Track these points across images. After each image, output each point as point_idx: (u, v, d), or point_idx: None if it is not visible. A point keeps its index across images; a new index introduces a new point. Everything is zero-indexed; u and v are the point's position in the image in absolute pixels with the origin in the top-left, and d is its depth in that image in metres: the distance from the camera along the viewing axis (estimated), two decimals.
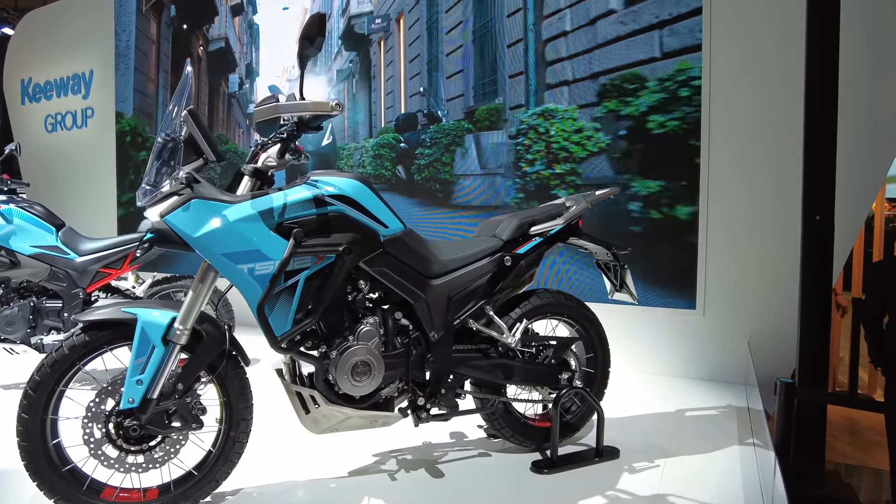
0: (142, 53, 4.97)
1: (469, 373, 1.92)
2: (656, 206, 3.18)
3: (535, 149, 3.50)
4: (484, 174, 3.67)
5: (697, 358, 3.10)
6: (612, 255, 2.19)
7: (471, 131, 3.71)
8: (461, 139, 3.74)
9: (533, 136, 3.50)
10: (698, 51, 3.03)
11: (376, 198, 1.73)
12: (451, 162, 3.78)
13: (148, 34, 4.94)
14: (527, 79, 3.54)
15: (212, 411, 1.67)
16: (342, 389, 1.68)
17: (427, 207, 3.87)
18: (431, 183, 3.85)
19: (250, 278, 1.52)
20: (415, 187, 3.90)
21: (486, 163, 3.66)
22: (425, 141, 3.88)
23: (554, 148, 3.44)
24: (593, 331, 2.19)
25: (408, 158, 3.95)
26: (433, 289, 1.82)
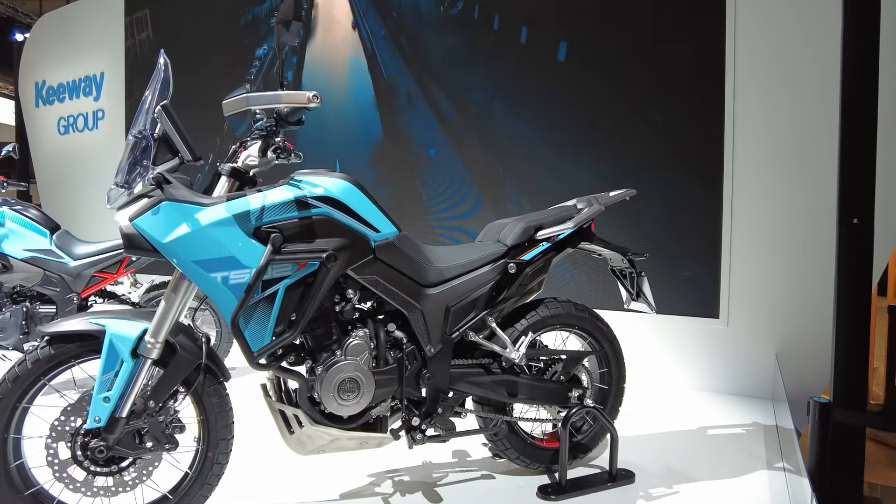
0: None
1: (469, 390, 1.77)
2: (676, 207, 2.99)
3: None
4: None
5: (721, 371, 2.90)
6: (628, 261, 2.02)
7: None
8: None
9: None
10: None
11: (367, 200, 1.59)
12: None
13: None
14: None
15: (191, 430, 1.55)
16: (328, 408, 1.55)
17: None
18: None
19: (224, 288, 1.39)
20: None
21: None
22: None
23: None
24: (607, 344, 2.02)
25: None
26: (429, 299, 1.68)
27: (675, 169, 2.99)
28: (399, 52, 3.89)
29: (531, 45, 3.38)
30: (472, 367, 1.77)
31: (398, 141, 3.88)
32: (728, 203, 2.85)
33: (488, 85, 3.53)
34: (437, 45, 3.73)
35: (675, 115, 2.99)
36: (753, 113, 2.79)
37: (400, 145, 3.87)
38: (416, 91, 3.81)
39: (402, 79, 3.86)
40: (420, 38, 3.80)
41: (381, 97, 3.96)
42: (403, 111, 3.87)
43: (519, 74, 3.42)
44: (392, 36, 3.93)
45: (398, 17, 3.90)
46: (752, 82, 2.78)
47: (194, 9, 4.75)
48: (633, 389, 2.91)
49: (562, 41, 3.27)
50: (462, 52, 3.64)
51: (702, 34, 2.90)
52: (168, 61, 1.51)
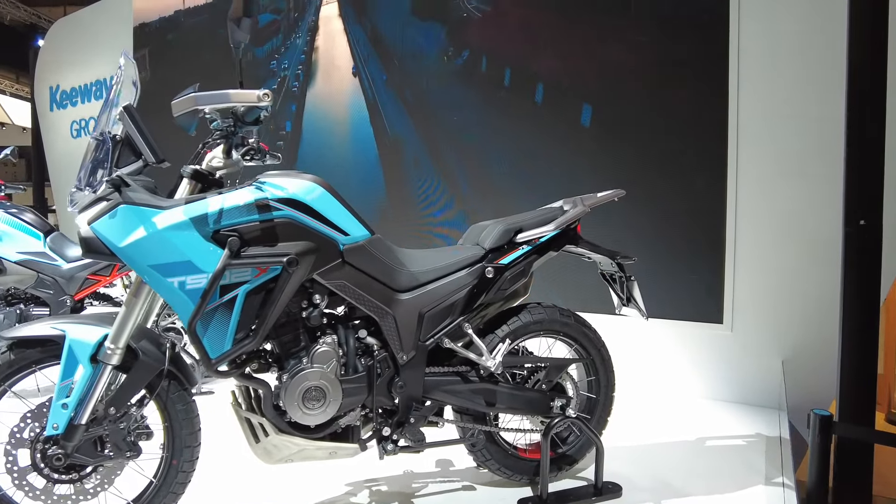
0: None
1: (445, 399, 1.71)
2: (678, 207, 2.88)
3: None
4: None
5: (725, 378, 2.79)
6: (617, 265, 1.94)
7: None
8: None
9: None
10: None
11: (337, 202, 1.54)
12: None
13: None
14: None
15: (159, 436, 1.53)
16: (293, 418, 1.50)
17: None
18: None
19: (181, 293, 1.35)
20: None
21: None
22: None
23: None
24: (594, 351, 1.94)
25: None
26: (401, 304, 1.62)
27: (677, 168, 2.88)
28: (403, 106, 3.73)
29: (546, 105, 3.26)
30: (448, 375, 1.71)
31: (405, 207, 3.74)
32: (732, 203, 2.74)
33: (499, 145, 3.40)
34: (443, 98, 3.56)
35: (676, 112, 2.88)
36: (758, 109, 2.67)
37: (408, 211, 3.73)
38: (423, 154, 3.64)
39: (408, 137, 3.70)
40: (424, 92, 3.66)
41: (384, 154, 3.80)
42: (410, 173, 3.69)
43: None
44: (394, 85, 3.78)
45: (400, 65, 3.76)
46: (756, 80, 2.67)
47: (194, 46, 4.74)
48: (632, 397, 2.82)
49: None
50: (471, 108, 3.47)
51: (704, 30, 2.79)
52: (133, 62, 1.48)
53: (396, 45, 3.78)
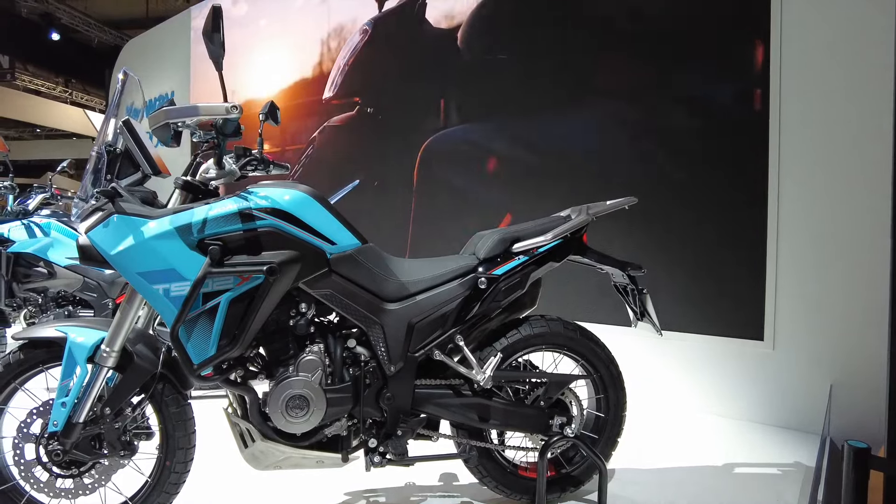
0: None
1: (437, 412, 1.67)
2: (714, 214, 2.70)
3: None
4: None
5: (762, 399, 2.57)
6: (628, 277, 1.83)
7: None
8: None
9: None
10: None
11: (325, 211, 1.55)
12: None
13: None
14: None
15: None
16: (276, 425, 1.51)
17: None
18: None
19: (165, 300, 1.40)
20: None
21: None
22: None
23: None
24: (602, 367, 1.84)
25: None
26: (390, 314, 1.60)
27: (713, 171, 2.71)
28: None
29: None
30: (440, 388, 1.67)
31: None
32: (773, 208, 2.54)
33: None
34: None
35: (712, 111, 2.71)
36: (801, 107, 2.47)
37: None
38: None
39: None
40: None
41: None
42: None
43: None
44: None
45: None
46: (800, 78, 2.46)
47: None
48: (659, 416, 2.66)
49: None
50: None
51: (745, 23, 2.61)
52: (135, 77, 1.56)
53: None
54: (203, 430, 1.72)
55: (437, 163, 3.78)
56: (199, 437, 1.63)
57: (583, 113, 3.16)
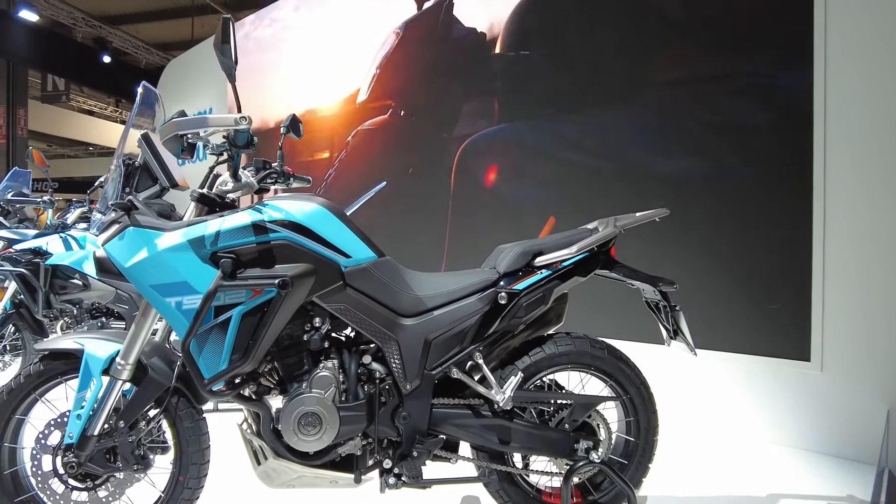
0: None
1: (455, 433, 1.60)
2: (754, 221, 2.55)
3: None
4: None
5: (810, 425, 2.39)
6: (660, 293, 1.73)
7: None
8: None
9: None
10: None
11: (340, 224, 1.51)
12: None
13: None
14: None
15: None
16: (289, 443, 1.47)
17: None
18: None
19: (178, 313, 1.39)
20: None
21: None
22: None
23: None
24: (632, 388, 1.73)
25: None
26: (406, 329, 1.55)
27: (752, 174, 2.56)
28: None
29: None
30: (459, 407, 1.60)
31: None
32: (819, 213, 2.37)
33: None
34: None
35: (753, 121, 2.57)
36: (849, 103, 2.31)
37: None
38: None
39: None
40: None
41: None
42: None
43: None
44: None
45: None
46: (846, 68, 2.31)
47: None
48: (696, 441, 2.51)
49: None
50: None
51: (788, 17, 2.48)
52: (155, 91, 1.57)
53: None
54: (219, 445, 1.70)
55: (476, 165, 3.73)
56: (215, 452, 1.61)
57: (617, 112, 3.06)
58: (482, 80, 3.70)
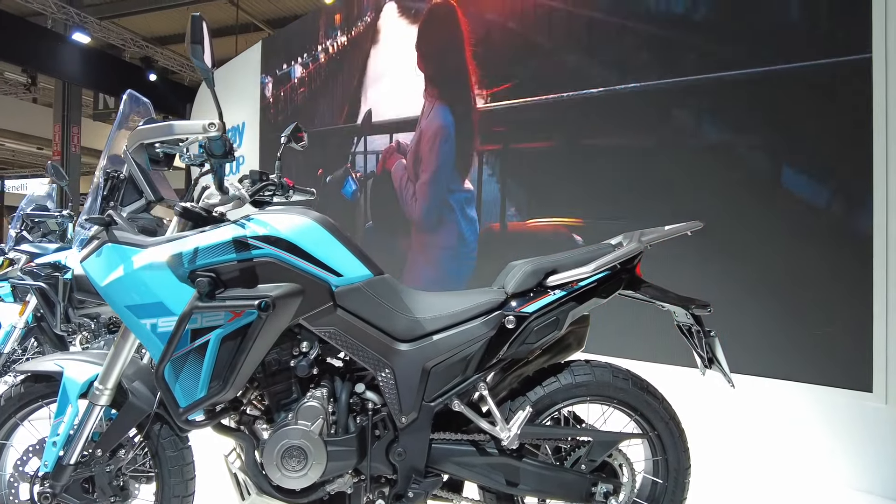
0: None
1: (456, 472, 1.44)
2: (806, 235, 2.31)
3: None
4: None
5: (872, 464, 2.11)
6: (692, 316, 1.53)
7: None
8: None
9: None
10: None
11: (334, 240, 1.39)
12: None
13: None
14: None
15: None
16: (272, 478, 1.35)
17: None
18: None
19: (153, 336, 1.29)
20: None
21: None
22: None
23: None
24: (660, 424, 1.54)
25: None
26: (402, 356, 1.41)
27: (804, 182, 2.32)
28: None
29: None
30: (461, 443, 1.44)
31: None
32: (881, 227, 2.10)
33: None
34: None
35: (804, 107, 2.33)
36: None
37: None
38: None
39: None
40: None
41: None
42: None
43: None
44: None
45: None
46: None
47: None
48: (738, 478, 2.26)
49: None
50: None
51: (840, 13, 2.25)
52: (144, 100, 1.50)
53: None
54: (211, 476, 1.59)
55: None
56: (207, 484, 1.50)
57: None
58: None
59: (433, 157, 4.00)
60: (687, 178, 2.71)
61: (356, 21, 4.71)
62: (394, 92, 4.39)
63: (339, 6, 4.93)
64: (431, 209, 4.00)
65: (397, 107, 4.36)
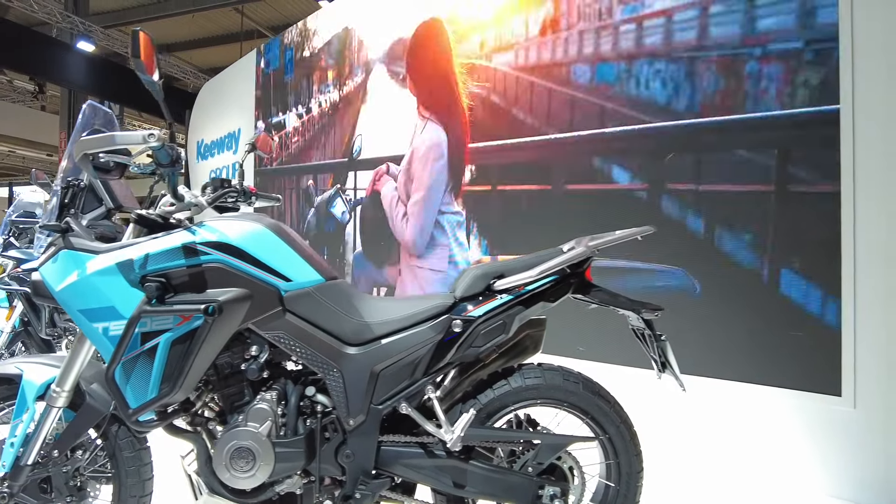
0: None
1: (405, 474, 1.47)
2: (774, 232, 2.31)
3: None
4: None
5: (840, 470, 2.11)
6: (644, 321, 1.55)
7: None
8: None
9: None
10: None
11: (284, 246, 1.43)
12: None
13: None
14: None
15: None
16: (222, 479, 1.38)
17: None
18: None
19: (105, 339, 1.32)
20: None
21: None
22: None
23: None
24: (611, 427, 1.55)
25: None
26: (350, 359, 1.44)
27: (770, 177, 2.33)
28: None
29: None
30: (409, 445, 1.47)
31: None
32: (849, 228, 2.11)
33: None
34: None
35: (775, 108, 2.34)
36: (884, 95, 2.06)
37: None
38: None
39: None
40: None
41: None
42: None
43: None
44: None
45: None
46: (882, 49, 2.07)
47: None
48: (705, 483, 2.26)
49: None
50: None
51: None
52: (104, 110, 1.54)
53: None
54: (170, 476, 1.62)
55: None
56: (165, 484, 1.53)
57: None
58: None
59: (425, 176, 3.94)
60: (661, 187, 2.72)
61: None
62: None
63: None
64: (424, 230, 3.92)
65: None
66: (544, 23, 3.26)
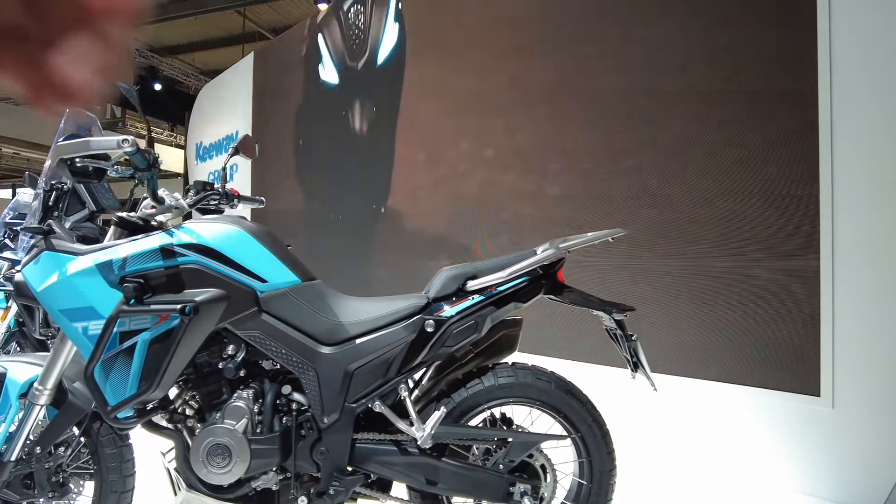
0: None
1: (379, 471, 1.50)
2: (753, 237, 2.34)
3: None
4: None
5: (818, 469, 2.13)
6: (615, 321, 1.57)
7: None
8: None
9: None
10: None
11: (260, 248, 1.46)
12: None
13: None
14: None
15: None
16: (199, 475, 1.42)
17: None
18: None
19: (84, 338, 1.36)
20: None
21: None
22: None
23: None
24: (584, 426, 1.58)
25: None
26: (325, 359, 1.47)
27: (744, 178, 2.35)
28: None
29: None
30: (382, 443, 1.50)
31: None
32: (827, 224, 2.13)
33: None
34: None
35: (749, 111, 2.37)
36: (861, 102, 2.08)
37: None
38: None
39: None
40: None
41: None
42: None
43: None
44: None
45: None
46: (859, 55, 2.09)
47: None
48: (684, 483, 2.28)
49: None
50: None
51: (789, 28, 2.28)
52: (88, 114, 1.58)
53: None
54: (152, 472, 1.66)
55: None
56: (148, 480, 1.57)
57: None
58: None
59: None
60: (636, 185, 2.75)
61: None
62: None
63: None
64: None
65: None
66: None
